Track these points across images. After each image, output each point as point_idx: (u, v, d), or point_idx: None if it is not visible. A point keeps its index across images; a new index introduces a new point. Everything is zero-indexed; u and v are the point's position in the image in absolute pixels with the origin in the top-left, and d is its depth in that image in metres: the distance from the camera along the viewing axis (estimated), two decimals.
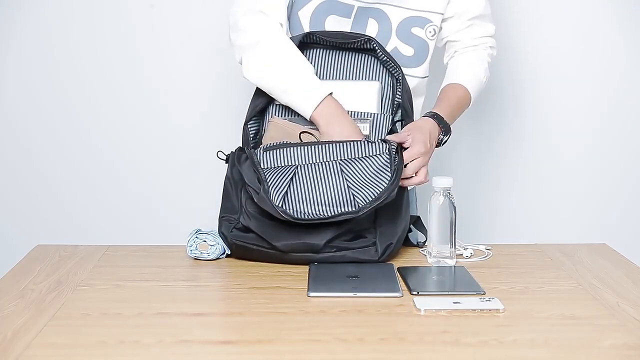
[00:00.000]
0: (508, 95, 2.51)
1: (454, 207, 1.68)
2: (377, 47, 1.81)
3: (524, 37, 2.48)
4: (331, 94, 1.80)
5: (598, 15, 2.48)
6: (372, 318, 1.41)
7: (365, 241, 1.70)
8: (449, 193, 1.68)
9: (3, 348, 1.27)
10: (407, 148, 1.74)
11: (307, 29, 1.87)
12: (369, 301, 1.48)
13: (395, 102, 1.84)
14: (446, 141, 1.85)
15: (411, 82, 1.88)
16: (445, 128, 1.82)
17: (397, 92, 1.84)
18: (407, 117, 1.83)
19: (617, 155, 2.53)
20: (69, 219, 2.50)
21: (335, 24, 1.87)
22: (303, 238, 1.67)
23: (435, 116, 1.82)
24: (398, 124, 1.84)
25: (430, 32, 1.91)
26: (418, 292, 1.51)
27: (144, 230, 2.48)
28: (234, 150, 1.78)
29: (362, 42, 1.81)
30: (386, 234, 1.70)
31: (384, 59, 1.82)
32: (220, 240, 1.75)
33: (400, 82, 1.83)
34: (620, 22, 2.48)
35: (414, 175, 1.75)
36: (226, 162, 1.78)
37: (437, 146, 1.83)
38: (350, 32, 1.85)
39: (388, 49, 1.87)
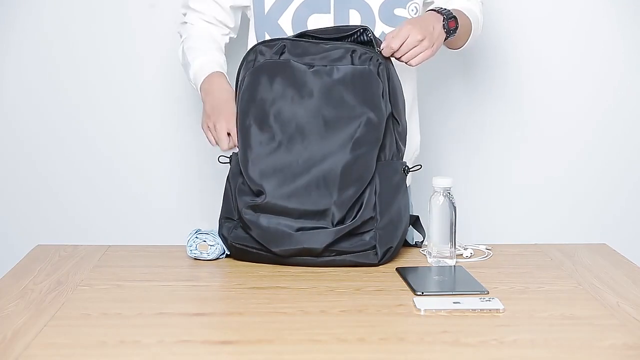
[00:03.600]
0: (508, 94, 2.51)
1: (454, 207, 1.68)
2: (372, 38, 1.77)
3: (523, 37, 2.48)
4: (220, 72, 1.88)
5: (598, 15, 2.48)
6: (372, 318, 1.41)
7: (365, 245, 1.69)
8: (449, 193, 1.68)
9: (3, 348, 1.27)
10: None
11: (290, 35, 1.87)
12: (369, 301, 1.48)
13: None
14: (455, 30, 1.82)
15: (401, 64, 1.88)
16: (447, 14, 1.81)
17: None
18: (395, 109, 1.76)
19: (616, 155, 2.53)
20: (69, 219, 2.50)
21: (318, 22, 1.88)
22: (302, 243, 1.67)
23: (433, 9, 1.82)
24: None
25: (412, 10, 1.91)
26: (423, 293, 1.51)
27: (144, 230, 2.48)
28: (236, 152, 1.78)
29: (358, 34, 1.79)
30: (386, 238, 1.70)
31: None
32: (220, 240, 1.75)
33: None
34: (620, 22, 2.48)
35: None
36: (230, 164, 1.78)
37: (448, 32, 1.81)
38: (344, 26, 1.81)
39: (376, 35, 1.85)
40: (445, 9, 1.83)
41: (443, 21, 1.81)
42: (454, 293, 1.52)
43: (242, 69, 1.77)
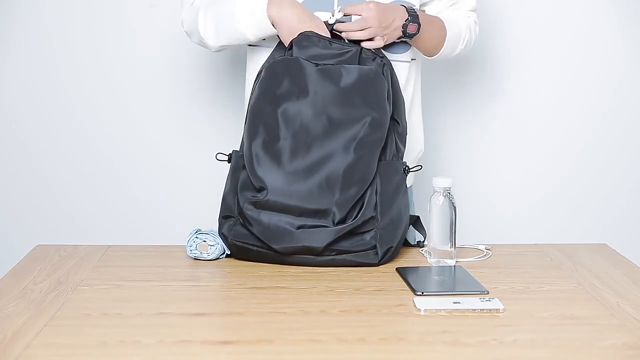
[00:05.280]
0: (508, 95, 2.51)
1: (454, 207, 1.68)
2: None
3: (523, 37, 2.48)
4: None
5: (598, 15, 2.48)
6: (372, 318, 1.41)
7: (365, 244, 1.69)
8: (449, 193, 1.68)
9: (3, 348, 1.27)
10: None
11: None
12: (369, 301, 1.48)
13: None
14: (414, 35, 1.83)
15: (401, 68, 1.88)
16: (413, 16, 1.81)
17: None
18: (395, 109, 1.76)
19: (616, 155, 2.53)
20: (69, 219, 2.50)
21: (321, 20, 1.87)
22: (302, 241, 1.67)
23: (404, 6, 1.82)
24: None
25: None
26: (423, 293, 1.51)
27: (144, 230, 2.48)
28: (236, 150, 1.78)
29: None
30: (386, 238, 1.70)
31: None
32: (220, 240, 1.75)
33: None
34: (620, 23, 2.48)
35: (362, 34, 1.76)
36: (228, 162, 1.78)
37: (404, 33, 1.82)
38: (337, 43, 1.78)
39: None
40: (415, 12, 1.82)
41: (405, 21, 1.81)
42: (454, 293, 1.52)
43: (271, 56, 1.78)
